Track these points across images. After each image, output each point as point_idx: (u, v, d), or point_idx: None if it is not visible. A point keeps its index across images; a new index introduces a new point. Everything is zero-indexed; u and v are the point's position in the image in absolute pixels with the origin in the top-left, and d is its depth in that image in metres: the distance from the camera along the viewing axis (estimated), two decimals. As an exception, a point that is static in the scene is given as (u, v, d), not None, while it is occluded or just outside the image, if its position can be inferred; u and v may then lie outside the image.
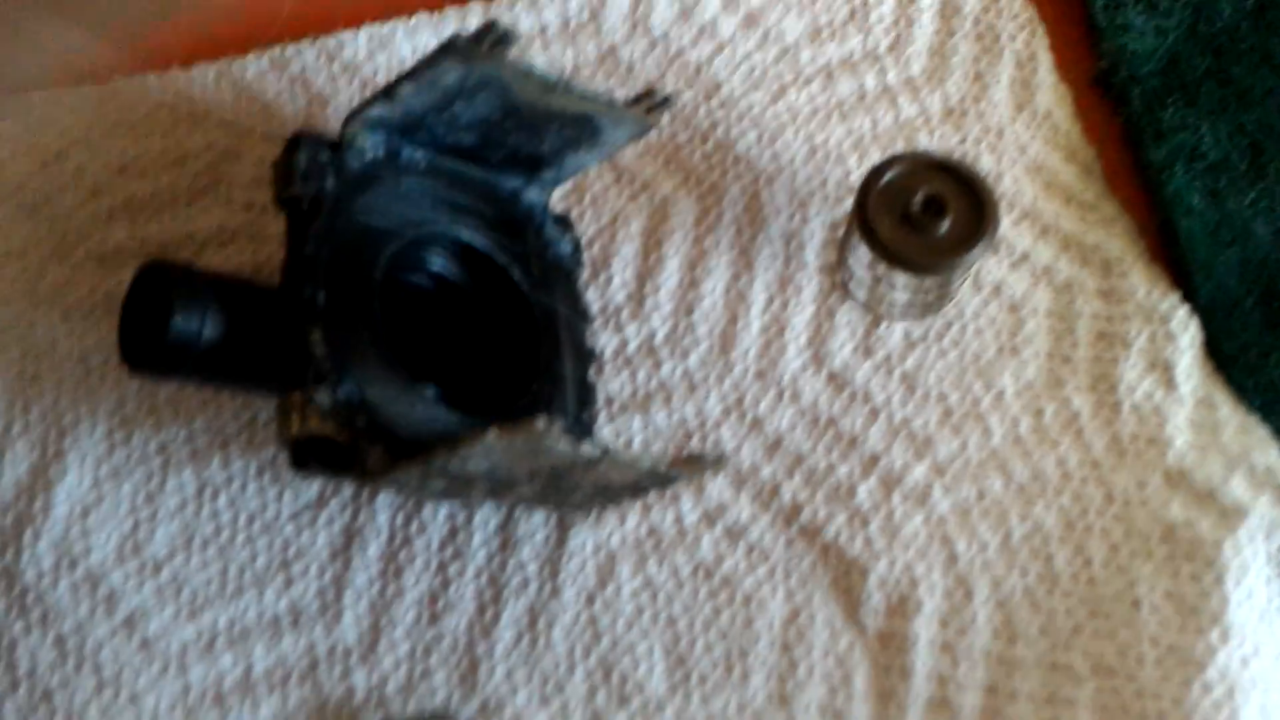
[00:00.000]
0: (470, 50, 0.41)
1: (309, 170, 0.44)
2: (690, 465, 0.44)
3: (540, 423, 0.38)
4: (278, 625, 0.48)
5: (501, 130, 0.47)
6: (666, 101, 0.47)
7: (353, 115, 0.45)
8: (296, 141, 0.45)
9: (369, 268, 0.45)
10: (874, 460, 0.50)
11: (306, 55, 0.54)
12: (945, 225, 0.49)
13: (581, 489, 0.45)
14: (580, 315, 0.51)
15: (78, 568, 0.48)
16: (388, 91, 0.44)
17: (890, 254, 0.49)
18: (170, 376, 0.43)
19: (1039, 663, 0.48)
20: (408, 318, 0.47)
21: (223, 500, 0.49)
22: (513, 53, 0.43)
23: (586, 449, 0.40)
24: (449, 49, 0.41)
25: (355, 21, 0.55)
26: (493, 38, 0.41)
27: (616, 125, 0.48)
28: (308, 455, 0.42)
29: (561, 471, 0.42)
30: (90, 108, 0.53)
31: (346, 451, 0.42)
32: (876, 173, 0.50)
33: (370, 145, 0.46)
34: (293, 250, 0.44)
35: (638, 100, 0.48)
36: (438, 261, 0.48)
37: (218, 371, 0.43)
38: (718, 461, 0.44)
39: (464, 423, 0.45)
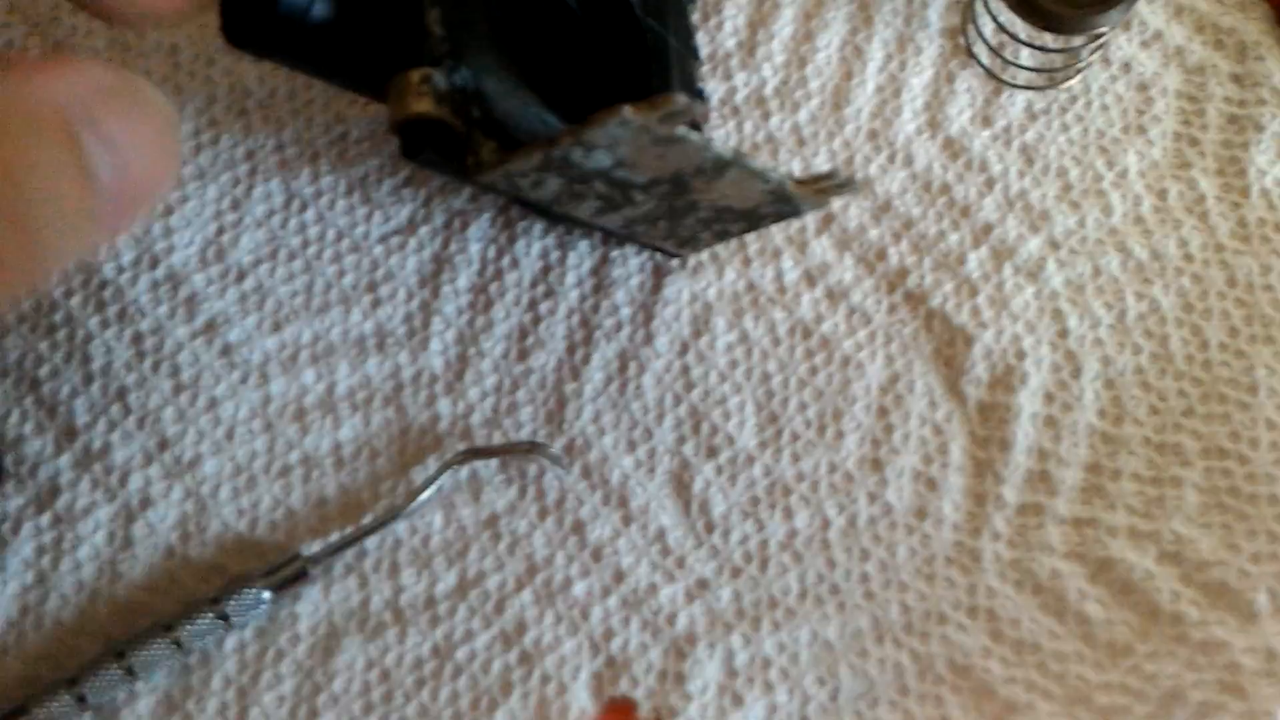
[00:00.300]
0: None
1: None
2: (820, 188, 0.41)
3: (680, 97, 0.35)
4: (363, 345, 0.46)
5: None
6: None
7: None
8: None
9: None
10: (987, 230, 0.48)
11: None
12: (1087, -20, 0.46)
13: (698, 210, 0.42)
14: (691, 52, 0.48)
15: (158, 266, 0.46)
16: None
17: (1027, 5, 0.46)
18: (274, 55, 0.40)
19: (1146, 442, 0.46)
20: (518, 24, 0.44)
21: (310, 214, 0.47)
22: None
23: (721, 149, 0.38)
24: None
25: None
26: None
27: None
28: (420, 141, 0.39)
29: (685, 178, 0.40)
30: None
31: (460, 140, 0.39)
32: (1019, -79, 0.46)
33: None
34: None
35: None
36: (551, -31, 0.46)
37: (326, 52, 0.40)
38: (851, 183, 0.41)
39: (574, 135, 0.43)
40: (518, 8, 0.44)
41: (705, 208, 0.42)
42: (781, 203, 0.42)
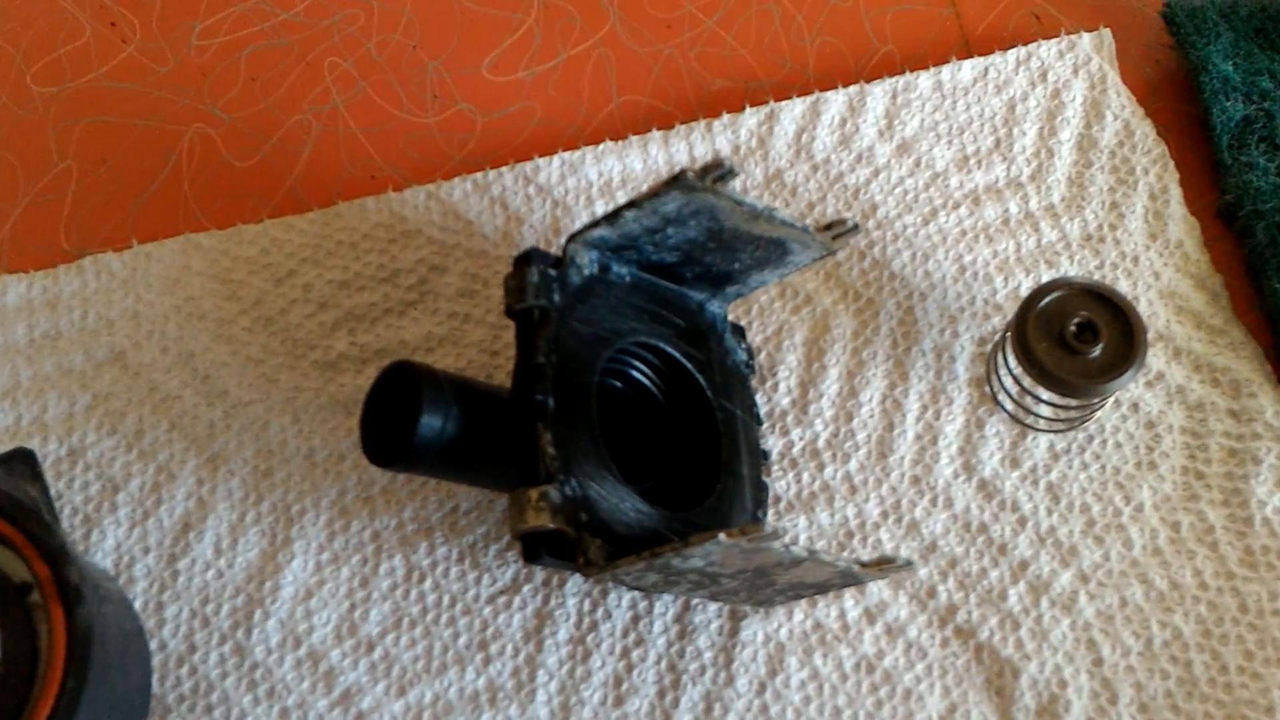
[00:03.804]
0: (696, 183, 0.43)
1: (539, 285, 0.46)
2: (882, 568, 0.46)
3: (769, 527, 0.39)
4: (477, 701, 0.49)
5: (703, 250, 0.49)
6: (855, 228, 0.49)
7: (575, 235, 0.47)
8: (528, 257, 0.47)
9: (586, 373, 0.47)
10: (1023, 566, 0.52)
11: (505, 179, 0.57)
12: (1098, 350, 0.50)
13: (776, 586, 0.46)
14: (754, 418, 0.52)
15: (301, 646, 0.49)
16: (611, 216, 0.46)
17: (1046, 374, 0.50)
18: (410, 470, 0.45)
19: (1180, 763, 0.48)
20: (610, 420, 0.49)
21: (428, 583, 0.51)
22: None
23: (798, 550, 0.42)
24: (677, 181, 0.43)
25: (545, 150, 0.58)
26: (718, 172, 0.43)
27: (804, 249, 0.50)
28: (538, 547, 0.44)
29: (767, 570, 0.44)
30: (316, 230, 0.55)
31: (571, 544, 0.43)
32: (1036, 295, 0.51)
33: (587, 262, 0.48)
34: (524, 358, 0.46)
35: (828, 227, 0.49)
36: (636, 368, 0.50)
37: (452, 467, 0.45)
38: (907, 566, 0.45)
39: (665, 519, 0.47)
40: (617, 411, 0.49)
41: (782, 585, 0.46)
42: (848, 579, 0.46)
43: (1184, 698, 0.49)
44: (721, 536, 0.40)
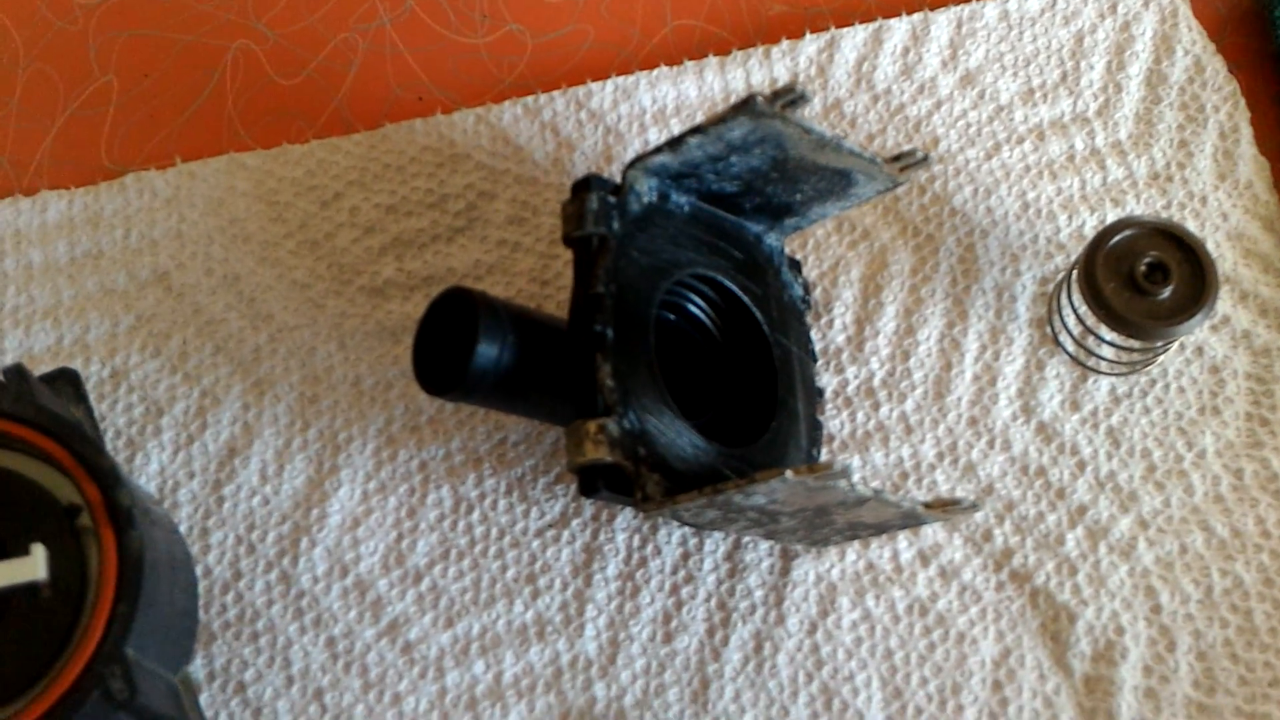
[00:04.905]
0: (766, 108, 0.41)
1: (599, 212, 0.44)
2: (946, 510, 0.44)
3: (838, 464, 0.38)
4: (525, 634, 0.48)
5: (765, 180, 0.47)
6: (926, 160, 0.47)
7: (635, 161, 0.45)
8: (587, 183, 0.45)
9: (645, 304, 0.45)
10: (1081, 511, 0.50)
11: (557, 103, 0.54)
12: (1167, 292, 0.48)
13: (834, 525, 0.45)
14: (810, 355, 0.51)
15: (348, 575, 0.48)
16: (674, 142, 0.44)
17: (1113, 315, 0.48)
18: (464, 399, 0.43)
19: (1238, 712, 0.47)
20: (666, 353, 0.47)
21: (476, 515, 0.50)
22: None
23: (862, 490, 0.40)
24: (745, 106, 0.41)
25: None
26: (789, 97, 0.41)
27: (869, 180, 0.48)
28: (595, 480, 0.42)
29: (828, 509, 0.42)
30: (363, 152, 0.53)
31: (629, 479, 0.42)
32: (1105, 234, 0.49)
33: (647, 190, 0.46)
34: (582, 287, 0.44)
35: (897, 158, 0.47)
36: (693, 301, 0.48)
37: (507, 397, 0.43)
38: (973, 506, 0.44)
39: (723, 454, 0.45)
40: (672, 344, 0.47)
41: (841, 524, 0.45)
42: (910, 519, 0.45)
43: (1243, 647, 0.48)
44: (788, 474, 0.38)
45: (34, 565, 0.41)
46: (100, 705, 0.39)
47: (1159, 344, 0.50)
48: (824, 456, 0.51)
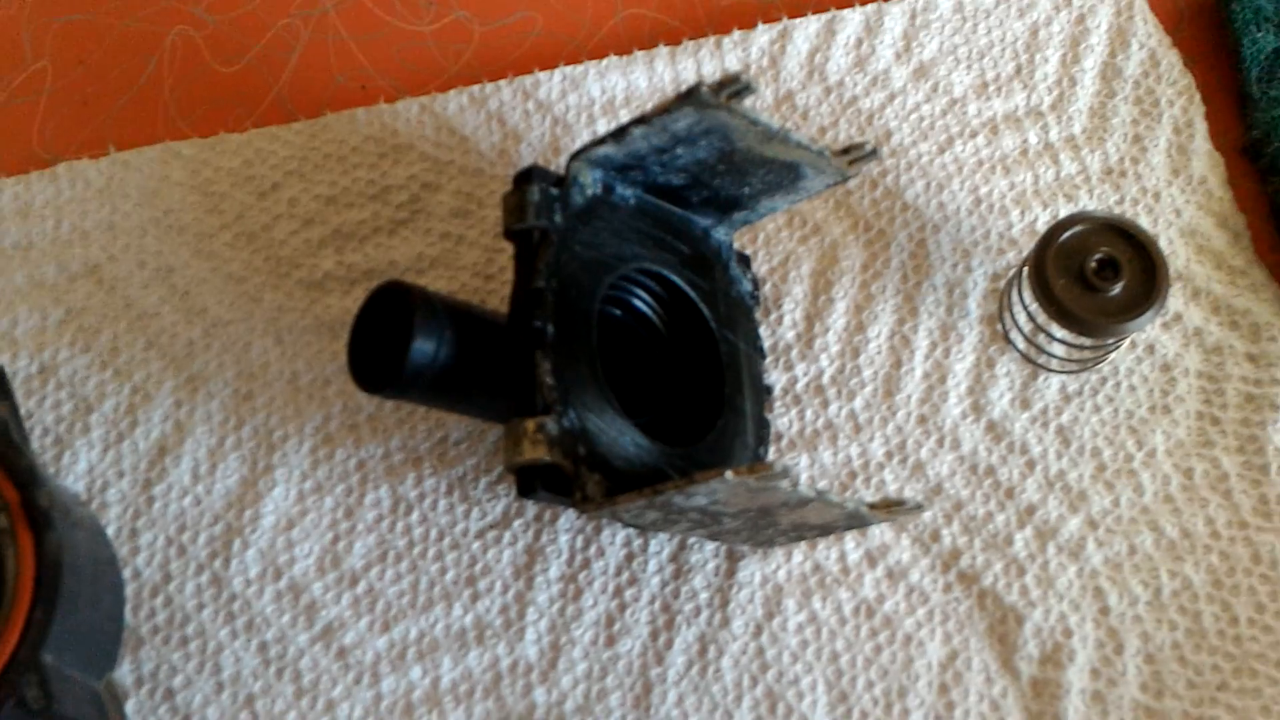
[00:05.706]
0: (710, 98, 0.40)
1: (541, 204, 0.43)
2: (890, 510, 0.43)
3: (779, 465, 0.37)
4: (464, 639, 0.47)
5: (712, 173, 0.45)
6: (874, 153, 0.46)
7: (579, 153, 0.44)
8: (528, 174, 0.43)
9: (588, 300, 0.44)
10: (1030, 511, 0.49)
11: (504, 93, 0.53)
12: (1118, 288, 0.47)
13: (778, 526, 0.44)
14: (758, 351, 0.50)
15: (282, 578, 0.47)
16: (618, 133, 0.42)
17: (1063, 312, 0.47)
18: (400, 397, 0.42)
19: (1185, 716, 0.46)
20: (609, 349, 0.46)
21: (415, 516, 0.48)
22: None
23: (805, 490, 0.39)
24: (690, 96, 0.40)
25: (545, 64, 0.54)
26: (734, 87, 0.40)
27: (819, 174, 0.46)
28: (533, 481, 0.41)
29: (771, 510, 0.41)
30: (303, 141, 0.52)
31: (568, 479, 0.41)
32: (1056, 230, 0.48)
33: (591, 182, 0.45)
34: (522, 281, 0.42)
35: (846, 151, 0.46)
36: (638, 296, 0.47)
37: (445, 394, 0.42)
38: (918, 507, 0.43)
39: (665, 454, 0.44)
40: (616, 341, 0.46)
41: (785, 525, 0.44)
42: (855, 520, 0.44)
43: (1192, 649, 0.47)
44: (728, 474, 0.37)
45: (-51, 569, 0.39)
46: (16, 714, 0.38)
47: (1110, 341, 0.49)
48: (771, 455, 0.50)
